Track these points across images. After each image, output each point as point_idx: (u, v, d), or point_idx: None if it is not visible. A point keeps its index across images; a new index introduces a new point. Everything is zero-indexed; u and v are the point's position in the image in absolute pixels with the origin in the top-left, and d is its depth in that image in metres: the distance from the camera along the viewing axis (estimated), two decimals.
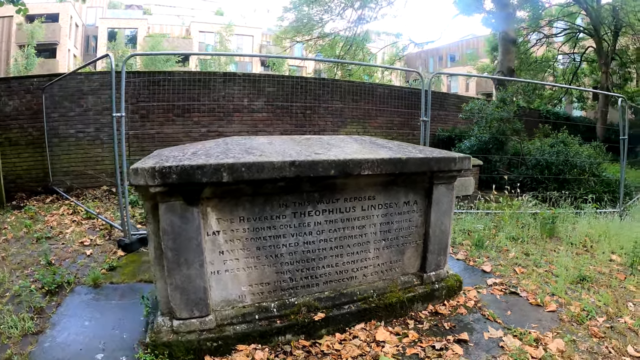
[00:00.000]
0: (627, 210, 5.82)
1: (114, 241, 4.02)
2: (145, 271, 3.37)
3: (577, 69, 16.03)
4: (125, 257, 3.69)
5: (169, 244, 1.96)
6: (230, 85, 7.00)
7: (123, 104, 3.66)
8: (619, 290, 3.22)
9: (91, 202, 5.52)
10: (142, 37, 28.68)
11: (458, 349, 2.35)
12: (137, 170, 1.82)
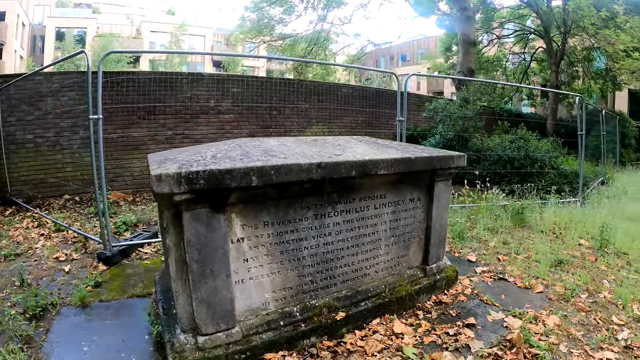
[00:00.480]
0: (586, 199, 6.58)
1: (92, 254, 3.84)
2: (134, 285, 3.29)
3: (527, 68, 17.59)
4: (108, 271, 3.55)
5: (194, 256, 1.91)
6: (197, 86, 6.89)
7: (100, 105, 3.52)
8: (593, 270, 3.71)
9: (57, 212, 5.19)
10: (92, 37, 27.37)
11: (469, 332, 2.60)
12: (161, 176, 1.75)
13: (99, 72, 3.50)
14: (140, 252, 4.00)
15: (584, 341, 2.51)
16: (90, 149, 3.54)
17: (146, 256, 3.93)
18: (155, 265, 3.70)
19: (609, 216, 5.11)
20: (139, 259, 3.85)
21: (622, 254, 4.11)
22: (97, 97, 3.50)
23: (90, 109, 3.47)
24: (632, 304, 2.98)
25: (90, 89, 3.46)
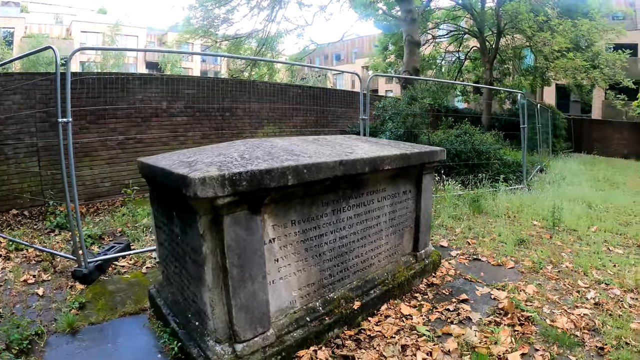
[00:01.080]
0: (530, 185, 7.57)
1: (65, 273, 3.62)
2: (122, 302, 3.16)
3: (461, 66, 19.33)
4: (88, 290, 3.36)
5: (234, 261, 1.95)
6: (149, 87, 6.65)
7: (69, 107, 3.31)
8: (550, 246, 4.40)
9: (7, 230, 4.72)
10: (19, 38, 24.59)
11: (466, 306, 3.02)
12: (205, 179, 1.74)
13: (67, 71, 3.30)
14: (116, 266, 3.84)
15: (560, 303, 3.06)
16: (60, 155, 3.33)
17: (124, 270, 3.78)
18: (138, 278, 3.60)
19: (555, 199, 6.00)
20: (117, 274, 3.69)
21: (571, 231, 4.91)
22: (66, 99, 3.31)
23: (59, 112, 3.27)
24: (591, 270, 3.67)
25: (59, 89, 3.27)
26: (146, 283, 3.47)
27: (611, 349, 2.44)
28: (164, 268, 2.76)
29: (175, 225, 2.25)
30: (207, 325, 2.09)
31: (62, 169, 3.40)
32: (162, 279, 2.85)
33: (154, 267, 3.82)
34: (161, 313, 2.69)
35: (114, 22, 28.29)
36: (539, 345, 2.51)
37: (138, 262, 3.94)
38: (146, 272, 3.72)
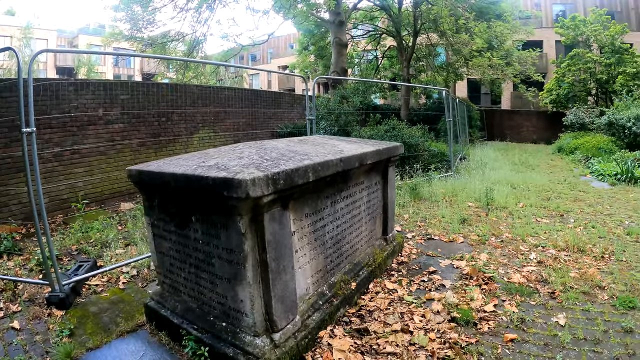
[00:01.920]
0: (458, 172, 8.63)
1: (35, 300, 3.30)
2: (113, 322, 3.00)
3: (379, 64, 20.77)
4: (68, 316, 3.10)
5: (272, 255, 2.08)
6: (83, 94, 6.19)
7: (32, 116, 3.01)
8: (488, 222, 5.21)
9: None
10: None
11: (436, 276, 3.55)
12: (255, 180, 1.86)
13: (29, 76, 3.02)
14: (90, 286, 3.60)
15: (510, 264, 3.76)
16: (25, 169, 3.04)
17: (100, 288, 3.58)
18: (118, 295, 3.44)
19: (483, 183, 7.01)
20: (94, 293, 3.48)
21: (503, 208, 5.82)
22: (29, 106, 2.98)
23: (22, 121, 2.97)
24: (527, 237, 4.50)
25: (22, 96, 2.95)
26: (128, 299, 3.35)
27: (560, 293, 3.13)
28: (166, 278, 2.75)
29: (195, 230, 2.31)
30: (241, 322, 2.22)
31: (28, 182, 3.10)
32: (163, 289, 2.83)
33: (130, 282, 3.69)
34: (168, 324, 2.63)
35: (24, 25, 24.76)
36: (504, 297, 3.12)
37: (112, 279, 3.75)
38: (124, 288, 3.57)
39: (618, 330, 2.64)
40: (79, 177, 6.21)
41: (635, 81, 16.67)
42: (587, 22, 18.69)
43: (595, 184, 7.68)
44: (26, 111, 3.04)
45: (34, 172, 3.13)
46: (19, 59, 3.00)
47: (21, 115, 3.03)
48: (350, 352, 2.37)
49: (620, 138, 11.79)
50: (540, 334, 2.65)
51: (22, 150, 3.06)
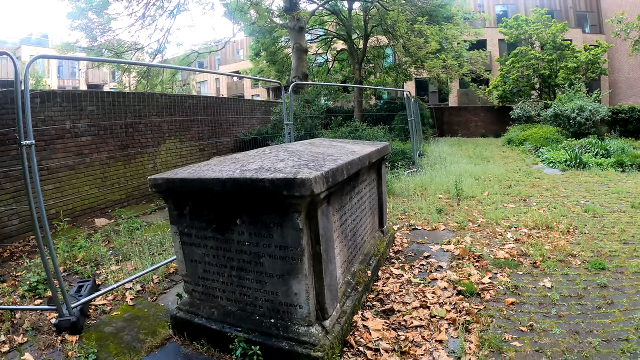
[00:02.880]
0: (420, 168, 9.29)
1: (40, 329, 3.12)
2: (137, 339, 2.92)
3: (330, 68, 21.43)
4: (85, 340, 2.97)
5: (324, 247, 2.28)
6: (49, 105, 5.95)
7: (30, 127, 2.87)
8: (462, 210, 5.79)
9: None
10: None
11: (432, 260, 3.98)
12: (316, 178, 2.08)
13: (25, 84, 2.83)
14: (96, 306, 3.49)
15: (492, 244, 4.30)
16: (25, 184, 2.86)
17: (108, 307, 3.48)
18: (130, 312, 3.36)
19: (448, 176, 7.66)
20: (103, 313, 3.38)
21: (471, 197, 6.46)
22: (27, 117, 2.83)
23: (21, 133, 2.80)
24: (499, 221, 5.09)
25: (20, 106, 2.75)
26: (143, 314, 3.31)
27: (540, 262, 3.69)
28: (198, 285, 2.79)
29: (239, 233, 2.44)
30: (294, 314, 2.39)
31: (29, 196, 2.93)
32: (193, 297, 2.85)
33: (138, 297, 3.62)
34: (205, 331, 2.66)
35: None
36: (495, 270, 3.61)
37: (117, 297, 3.66)
38: (134, 304, 3.49)
39: (595, 287, 3.22)
40: (49, 194, 5.94)
41: (575, 74, 18.81)
42: (529, 22, 20.74)
43: (547, 170, 8.71)
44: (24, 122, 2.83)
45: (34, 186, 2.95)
46: (16, 64, 2.83)
47: (20, 126, 2.83)
48: (384, 330, 2.67)
49: (565, 128, 13.27)
50: (533, 296, 3.15)
51: (22, 164, 2.89)
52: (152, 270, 3.88)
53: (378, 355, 2.41)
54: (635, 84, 23.27)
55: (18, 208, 5.38)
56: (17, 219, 5.45)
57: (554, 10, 26.91)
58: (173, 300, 3.46)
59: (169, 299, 3.57)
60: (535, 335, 2.64)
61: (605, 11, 26.76)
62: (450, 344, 2.56)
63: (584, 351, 2.42)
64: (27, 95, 2.89)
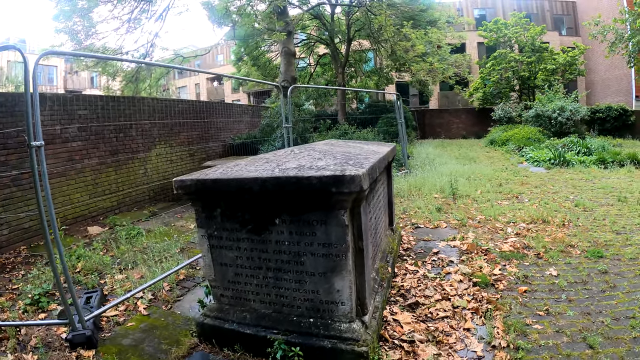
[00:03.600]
0: (412, 169, 9.56)
1: (51, 345, 3.00)
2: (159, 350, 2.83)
3: (312, 72, 21.64)
4: (103, 354, 2.84)
5: (365, 242, 2.36)
6: (40, 109, 5.84)
7: (40, 127, 2.77)
8: (459, 208, 6.03)
9: None
10: None
11: (442, 255, 4.16)
12: (363, 175, 2.17)
13: (33, 81, 2.70)
14: (108, 317, 3.36)
15: (495, 239, 4.53)
16: (35, 188, 2.73)
17: (121, 318, 3.35)
18: (147, 322, 3.25)
19: (442, 177, 7.93)
20: (117, 325, 3.26)
21: (466, 196, 6.72)
22: (36, 117, 2.73)
23: (30, 133, 2.67)
24: (497, 217, 5.34)
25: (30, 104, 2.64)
26: (160, 324, 3.19)
27: (543, 253, 3.93)
28: (228, 290, 2.76)
29: (278, 233, 2.47)
30: (335, 312, 2.44)
31: (38, 200, 2.76)
32: (222, 303, 2.82)
33: (151, 306, 3.51)
34: (238, 336, 2.63)
35: None
36: (503, 262, 3.83)
37: (129, 307, 3.53)
38: (148, 314, 3.38)
39: (596, 273, 3.49)
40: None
41: (554, 76, 19.74)
42: (508, 25, 21.64)
43: (533, 169, 9.16)
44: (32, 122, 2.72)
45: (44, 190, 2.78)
46: (26, 60, 2.66)
47: (29, 126, 2.71)
48: (414, 323, 2.80)
49: (547, 128, 13.90)
50: (542, 284, 3.38)
51: (31, 166, 2.75)
52: (164, 278, 3.80)
53: (415, 347, 2.53)
54: (611, 84, 24.72)
55: (8, 217, 5.24)
56: (7, 228, 5.30)
57: (531, 13, 28.17)
58: (190, 307, 3.44)
59: (184, 306, 3.51)
60: (552, 318, 2.85)
61: (581, 14, 28.31)
62: (478, 331, 2.73)
63: (598, 329, 2.64)
64: (36, 94, 2.78)
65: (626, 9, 15.73)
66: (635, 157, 8.80)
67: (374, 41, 13.44)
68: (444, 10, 19.48)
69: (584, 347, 2.48)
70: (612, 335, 2.58)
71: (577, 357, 2.40)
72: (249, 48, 17.86)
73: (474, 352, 2.48)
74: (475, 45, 27.42)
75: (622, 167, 8.63)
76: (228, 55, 36.18)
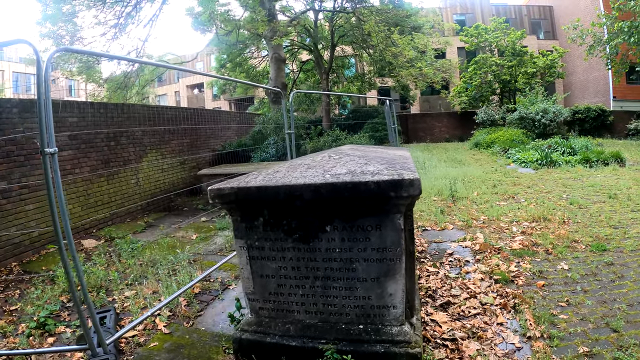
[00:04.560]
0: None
1: None
2: None
3: (296, 78, 21.81)
4: None
5: (414, 245, 2.52)
6: (28, 117, 5.68)
7: (53, 133, 2.58)
8: (460, 210, 6.27)
9: None
10: None
11: (457, 255, 4.34)
12: (419, 180, 2.25)
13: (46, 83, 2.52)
14: (126, 338, 3.22)
15: (503, 238, 4.76)
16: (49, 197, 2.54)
17: (141, 339, 3.22)
18: (171, 341, 3.15)
19: (437, 180, 8.19)
20: (138, 346, 3.13)
21: (463, 198, 6.98)
22: (49, 122, 2.55)
23: (44, 140, 2.51)
24: (500, 217, 5.60)
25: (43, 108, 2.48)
26: (186, 342, 3.09)
27: (552, 249, 4.19)
28: (268, 302, 2.73)
29: (329, 240, 2.48)
30: (386, 316, 2.48)
31: (53, 212, 2.61)
32: (260, 316, 2.79)
33: (171, 324, 3.41)
34: (282, 349, 2.61)
35: None
36: (517, 259, 4.05)
37: (148, 325, 3.40)
38: (170, 332, 3.28)
39: (603, 265, 3.79)
40: (30, 215, 5.63)
41: (534, 79, 20.69)
42: (489, 30, 22.55)
43: (521, 170, 9.60)
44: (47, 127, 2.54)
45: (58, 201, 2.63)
46: (38, 57, 2.48)
47: (42, 132, 2.53)
48: (450, 322, 2.94)
49: (530, 130, 14.54)
50: (557, 277, 3.62)
51: (45, 175, 2.57)
52: (182, 293, 3.65)
53: (459, 344, 2.66)
54: (588, 86, 26.15)
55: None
56: None
57: (509, 18, 29.43)
58: (214, 323, 3.36)
59: (207, 321, 3.41)
60: (574, 307, 3.07)
61: (558, 18, 29.86)
62: (511, 324, 2.91)
63: (617, 315, 2.89)
64: (48, 96, 2.60)
65: (603, 13, 16.70)
66: (618, 155, 9.41)
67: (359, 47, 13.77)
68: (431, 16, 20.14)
69: (609, 332, 2.71)
70: (631, 319, 2.83)
71: (605, 340, 2.62)
72: (233, 55, 17.87)
73: (512, 344, 2.65)
74: (455, 50, 28.37)
75: (606, 165, 9.19)
76: (208, 63, 35.95)
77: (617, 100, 22.49)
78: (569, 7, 27.66)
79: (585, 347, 2.54)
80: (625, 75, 19.75)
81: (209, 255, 5.16)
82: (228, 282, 4.25)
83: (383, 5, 13.69)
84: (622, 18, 14.98)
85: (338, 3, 15.00)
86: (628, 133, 18.56)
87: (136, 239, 5.92)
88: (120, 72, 10.67)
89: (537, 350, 2.53)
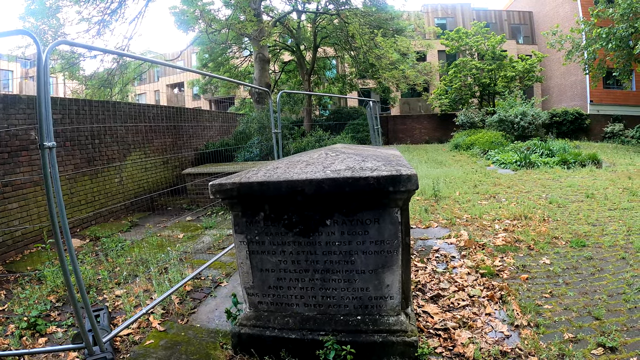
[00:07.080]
0: None
1: None
2: None
3: (277, 79, 21.82)
4: None
5: (409, 237, 2.58)
6: (13, 113, 5.55)
7: (51, 127, 2.56)
8: (443, 208, 6.48)
9: None
10: None
11: (443, 252, 4.51)
12: (415, 175, 2.39)
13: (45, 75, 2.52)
14: (121, 337, 3.21)
15: (486, 235, 4.97)
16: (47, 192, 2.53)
17: (136, 336, 3.20)
18: (167, 338, 3.14)
19: (419, 179, 8.38)
20: (133, 344, 3.11)
21: (446, 197, 7.21)
22: (48, 115, 2.52)
23: (42, 134, 2.47)
24: (482, 215, 5.83)
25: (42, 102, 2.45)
26: (183, 339, 3.09)
27: (533, 245, 4.43)
28: (267, 296, 2.78)
29: (329, 234, 2.58)
30: (384, 306, 2.60)
31: (51, 208, 2.57)
32: (259, 310, 2.83)
33: (166, 321, 3.41)
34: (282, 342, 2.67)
35: None
36: (501, 255, 4.26)
37: (142, 323, 3.39)
38: (165, 330, 3.25)
39: (583, 259, 4.03)
40: (14, 214, 5.51)
41: (513, 82, 21.34)
42: (469, 34, 23.12)
43: (501, 171, 9.94)
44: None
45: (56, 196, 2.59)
46: (39, 48, 2.48)
47: (41, 125, 2.49)
48: (442, 313, 3.09)
49: (509, 132, 15.01)
50: (540, 271, 3.84)
51: (43, 169, 2.54)
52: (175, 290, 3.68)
53: (451, 333, 2.81)
54: (565, 90, 27.15)
55: None
56: None
57: (490, 22, 30.27)
58: (209, 319, 3.38)
59: (201, 318, 3.43)
60: (557, 298, 3.29)
61: (538, 24, 30.90)
62: (499, 314, 3.07)
63: (598, 304, 3.12)
64: (48, 89, 2.59)
65: (582, 19, 17.37)
66: (595, 157, 9.87)
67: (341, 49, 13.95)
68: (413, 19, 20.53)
69: (591, 319, 2.93)
70: (612, 308, 3.06)
71: (589, 327, 2.83)
72: (215, 54, 17.75)
73: (502, 333, 2.81)
74: (435, 53, 28.97)
75: (584, 167, 9.65)
76: (189, 63, 35.49)
77: (594, 104, 23.47)
78: (549, 13, 28.71)
79: (570, 334, 2.73)
80: (602, 80, 20.64)
81: (197, 254, 5.17)
82: (219, 279, 4.28)
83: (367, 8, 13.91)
84: (600, 25, 15.62)
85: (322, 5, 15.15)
86: (604, 136, 19.43)
87: (123, 238, 5.86)
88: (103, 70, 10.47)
89: (525, 337, 2.71)
